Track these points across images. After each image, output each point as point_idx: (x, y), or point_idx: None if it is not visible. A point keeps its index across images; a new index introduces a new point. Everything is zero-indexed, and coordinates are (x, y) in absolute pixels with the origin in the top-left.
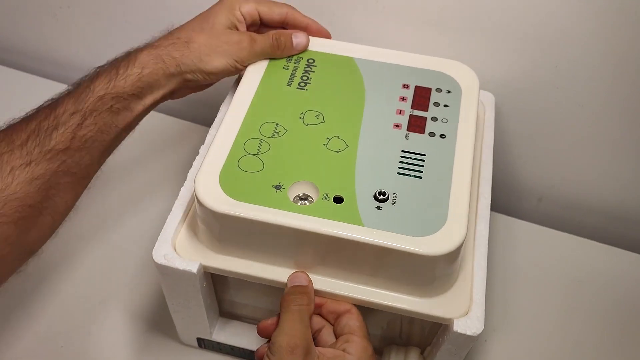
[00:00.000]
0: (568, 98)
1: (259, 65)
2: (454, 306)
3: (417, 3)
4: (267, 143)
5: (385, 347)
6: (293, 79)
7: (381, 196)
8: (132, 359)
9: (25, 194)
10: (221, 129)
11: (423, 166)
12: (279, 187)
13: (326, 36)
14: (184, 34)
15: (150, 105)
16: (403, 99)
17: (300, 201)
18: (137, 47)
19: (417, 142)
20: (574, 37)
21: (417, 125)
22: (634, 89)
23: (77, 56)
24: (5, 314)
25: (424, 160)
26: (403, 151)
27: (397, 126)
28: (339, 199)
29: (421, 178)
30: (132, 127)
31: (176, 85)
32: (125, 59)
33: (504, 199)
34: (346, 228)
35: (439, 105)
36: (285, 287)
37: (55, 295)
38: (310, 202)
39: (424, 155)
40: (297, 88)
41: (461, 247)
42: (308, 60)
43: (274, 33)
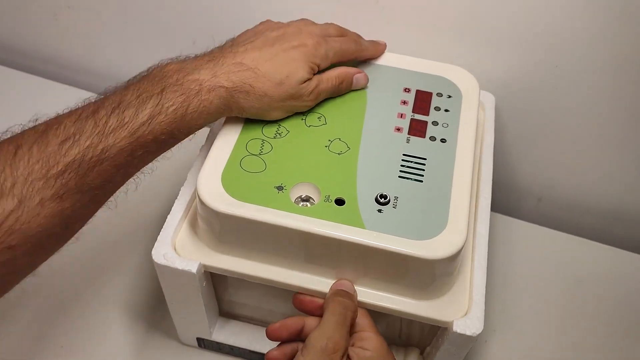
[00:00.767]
0: (568, 98)
1: None
2: (453, 308)
3: (417, 5)
4: (270, 144)
5: None
6: None
7: (382, 199)
8: (132, 359)
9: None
10: (224, 129)
11: (424, 170)
12: (280, 188)
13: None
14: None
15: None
16: (404, 102)
17: (301, 202)
18: (201, 70)
19: (418, 146)
20: (574, 37)
21: (418, 129)
22: (634, 89)
23: (77, 56)
24: (5, 314)
25: (424, 165)
26: (404, 155)
27: (398, 130)
28: (340, 201)
29: (422, 182)
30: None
31: None
32: (195, 95)
33: (503, 199)
34: (347, 230)
35: (439, 109)
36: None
37: (55, 295)
38: (312, 204)
39: (425, 160)
40: None
41: (461, 251)
42: None
43: (337, 78)
